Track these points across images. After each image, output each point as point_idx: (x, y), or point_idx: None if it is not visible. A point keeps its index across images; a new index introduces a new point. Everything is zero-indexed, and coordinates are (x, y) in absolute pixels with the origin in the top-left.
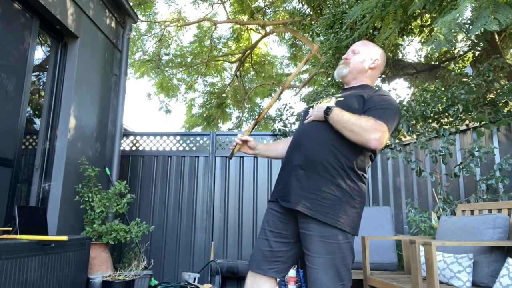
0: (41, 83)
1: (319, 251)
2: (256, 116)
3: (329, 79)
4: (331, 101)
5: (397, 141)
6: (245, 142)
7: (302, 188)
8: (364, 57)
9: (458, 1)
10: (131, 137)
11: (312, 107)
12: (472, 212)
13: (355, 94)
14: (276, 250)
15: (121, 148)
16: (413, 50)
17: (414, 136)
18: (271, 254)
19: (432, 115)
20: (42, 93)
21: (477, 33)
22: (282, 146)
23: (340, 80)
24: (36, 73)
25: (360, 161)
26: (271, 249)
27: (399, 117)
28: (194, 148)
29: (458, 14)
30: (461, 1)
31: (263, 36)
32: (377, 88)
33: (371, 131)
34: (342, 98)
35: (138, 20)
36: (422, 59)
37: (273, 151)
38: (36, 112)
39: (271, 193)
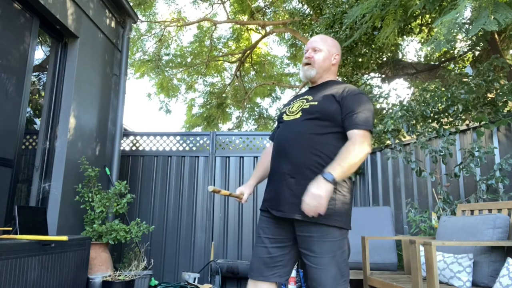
0: (41, 83)
1: (322, 252)
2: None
3: None
4: (300, 108)
5: (397, 141)
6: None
7: (295, 196)
8: (326, 55)
9: (458, 1)
10: (131, 137)
11: (284, 112)
12: (472, 212)
13: (326, 94)
14: (276, 255)
15: (121, 148)
16: (413, 50)
17: (414, 136)
18: (271, 260)
19: (432, 115)
20: (42, 93)
21: (477, 33)
22: (267, 161)
23: (305, 80)
24: (36, 73)
25: None
26: (271, 255)
27: (372, 109)
28: (194, 148)
29: (457, 14)
30: (461, 1)
31: (263, 36)
32: (344, 84)
33: (362, 151)
34: (315, 102)
35: (138, 20)
36: (422, 59)
37: (264, 171)
38: (36, 112)
39: (262, 201)
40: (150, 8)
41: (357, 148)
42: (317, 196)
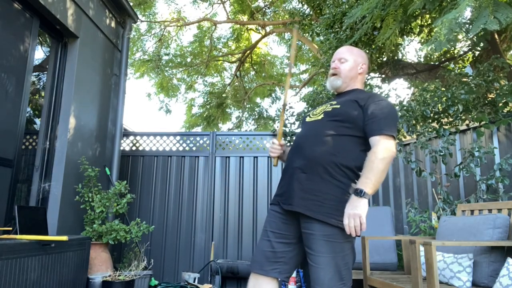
0: (41, 83)
1: (321, 250)
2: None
3: None
4: (323, 111)
5: (397, 141)
6: (281, 146)
7: (304, 191)
8: (353, 64)
9: (458, 0)
10: (131, 137)
11: (308, 115)
12: (472, 212)
13: (350, 99)
14: (278, 251)
15: (121, 148)
16: (413, 50)
17: (414, 136)
18: (273, 255)
19: (432, 115)
20: (42, 93)
21: (477, 33)
22: None
23: (333, 90)
24: (36, 73)
25: (358, 161)
26: (273, 249)
27: (397, 116)
28: (194, 148)
29: (458, 14)
30: (461, 0)
31: (263, 36)
32: (371, 93)
33: (386, 156)
34: (338, 106)
35: (138, 20)
36: (422, 59)
37: None
38: (36, 112)
39: (274, 196)
40: (150, 8)
41: (379, 155)
42: (356, 215)
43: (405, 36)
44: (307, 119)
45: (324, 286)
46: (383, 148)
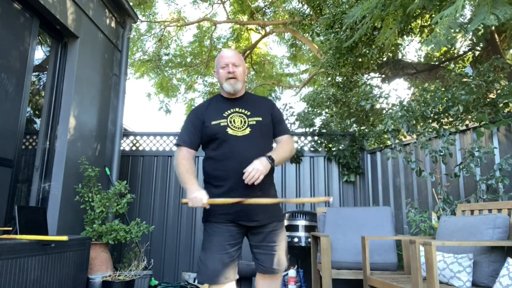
0: (41, 83)
1: (281, 239)
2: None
3: (329, 79)
4: (246, 124)
5: (397, 141)
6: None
7: (266, 207)
8: (244, 69)
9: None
10: (131, 137)
11: (228, 126)
12: (472, 212)
13: (261, 110)
14: (235, 256)
15: (121, 148)
16: (413, 50)
17: (414, 136)
18: (233, 262)
19: (432, 115)
20: (42, 93)
21: (476, 32)
22: (191, 164)
23: (231, 93)
24: (36, 73)
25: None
26: (232, 257)
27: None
28: None
29: (455, 10)
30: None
31: (263, 36)
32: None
33: (293, 148)
34: (255, 121)
35: (138, 20)
36: (422, 59)
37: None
38: (36, 112)
39: (222, 214)
40: (150, 8)
41: (290, 147)
42: (260, 163)
43: (405, 36)
44: (230, 131)
45: (285, 263)
46: (291, 144)
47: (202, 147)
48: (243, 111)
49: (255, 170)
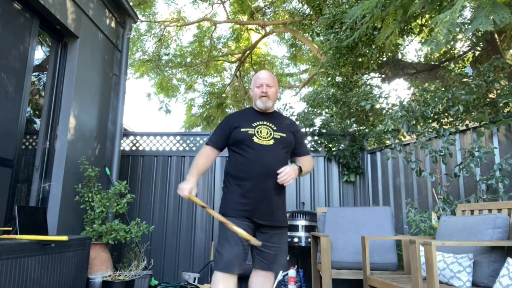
0: (41, 83)
1: (284, 243)
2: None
3: (329, 79)
4: (271, 136)
5: (397, 141)
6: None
7: (278, 208)
8: (276, 89)
9: (456, 1)
10: (131, 137)
11: (254, 135)
12: (472, 212)
13: (285, 128)
14: (248, 250)
15: (121, 148)
16: (413, 50)
17: (414, 136)
18: (245, 254)
19: (432, 115)
20: (42, 93)
21: (476, 33)
22: (206, 162)
23: (262, 109)
24: (36, 73)
25: None
26: (245, 250)
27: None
28: (194, 148)
29: (452, 13)
30: (458, 0)
31: (263, 36)
32: (290, 117)
33: (313, 166)
34: (280, 136)
35: (138, 20)
36: (422, 59)
37: (203, 170)
38: (36, 112)
39: (239, 210)
40: (150, 8)
41: (311, 164)
42: (292, 170)
43: (405, 36)
44: (256, 140)
45: (285, 264)
46: (311, 162)
47: (228, 150)
48: (270, 125)
49: (288, 174)
